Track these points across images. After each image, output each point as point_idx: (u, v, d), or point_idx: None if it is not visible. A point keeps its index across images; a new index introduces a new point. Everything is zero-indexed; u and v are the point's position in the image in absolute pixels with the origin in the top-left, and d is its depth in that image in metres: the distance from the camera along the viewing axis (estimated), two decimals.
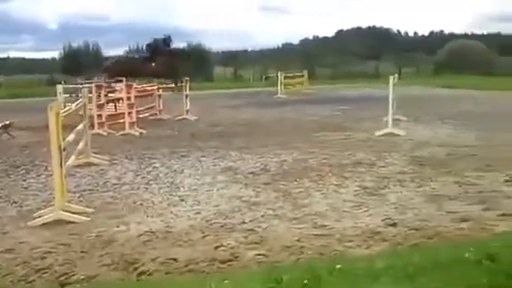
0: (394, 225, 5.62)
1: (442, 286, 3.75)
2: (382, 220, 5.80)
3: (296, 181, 7.85)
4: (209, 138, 12.81)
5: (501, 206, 6.22)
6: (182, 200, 6.95)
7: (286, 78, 29.33)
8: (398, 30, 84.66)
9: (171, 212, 6.41)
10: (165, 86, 22.60)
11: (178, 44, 38.10)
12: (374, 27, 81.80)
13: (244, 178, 8.24)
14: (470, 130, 13.01)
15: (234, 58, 57.95)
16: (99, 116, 14.31)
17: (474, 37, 61.66)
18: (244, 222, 5.88)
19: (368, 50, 63.76)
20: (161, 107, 18.21)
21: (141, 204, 6.81)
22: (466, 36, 61.65)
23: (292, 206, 6.48)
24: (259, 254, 4.86)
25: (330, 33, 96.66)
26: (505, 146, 10.40)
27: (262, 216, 6.11)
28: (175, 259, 4.79)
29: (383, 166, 8.80)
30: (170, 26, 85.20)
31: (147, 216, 6.28)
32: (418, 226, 5.54)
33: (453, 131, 12.95)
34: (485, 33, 69.34)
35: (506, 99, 22.43)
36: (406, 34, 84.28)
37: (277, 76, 29.23)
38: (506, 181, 7.46)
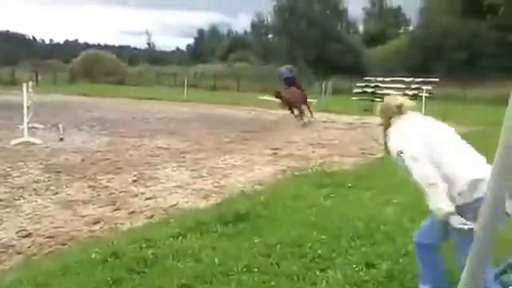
0: (28, 236, 5.59)
1: None
2: (16, 232, 5.68)
3: None
4: None
5: (129, 204, 6.95)
6: None
7: None
8: (34, 37, 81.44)
9: None
10: None
11: None
12: (8, 32, 76.33)
13: None
14: (102, 135, 13.78)
15: None
16: None
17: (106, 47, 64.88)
18: None
19: (1, 55, 58.91)
20: None
21: None
22: (98, 46, 64.29)
23: None
24: None
25: None
26: (132, 150, 11.50)
27: None
28: None
29: (18, 176, 8.49)
30: None
31: None
32: (53, 234, 5.67)
33: (87, 137, 13.43)
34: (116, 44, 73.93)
35: (133, 106, 24.49)
36: (43, 40, 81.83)
37: None
38: (134, 181, 8.33)
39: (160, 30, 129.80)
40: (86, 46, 65.45)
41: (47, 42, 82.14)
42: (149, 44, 67.00)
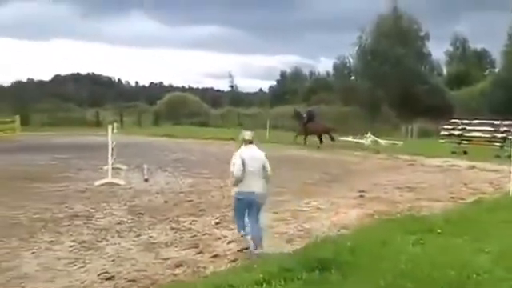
0: (110, 278, 5.49)
1: None
2: (99, 275, 5.61)
3: (1, 241, 6.99)
4: None
5: (212, 248, 6.73)
6: None
7: None
8: (120, 79, 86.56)
9: None
10: None
11: None
12: (94, 74, 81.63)
13: None
14: (186, 176, 13.85)
15: None
16: None
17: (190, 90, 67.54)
18: None
19: (88, 97, 62.92)
20: None
21: None
22: (183, 88, 67.04)
23: None
24: None
25: (47, 77, 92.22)
26: (215, 191, 11.41)
27: None
28: None
29: (102, 218, 8.60)
30: None
31: None
32: (135, 277, 5.54)
33: (171, 178, 13.56)
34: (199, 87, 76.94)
35: (216, 148, 24.78)
36: (128, 83, 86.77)
37: None
38: (216, 223, 8.14)
39: (242, 72, 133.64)
40: (171, 88, 68.27)
41: (133, 84, 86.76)
42: (231, 86, 68.71)
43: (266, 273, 5.16)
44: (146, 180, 12.90)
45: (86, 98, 62.45)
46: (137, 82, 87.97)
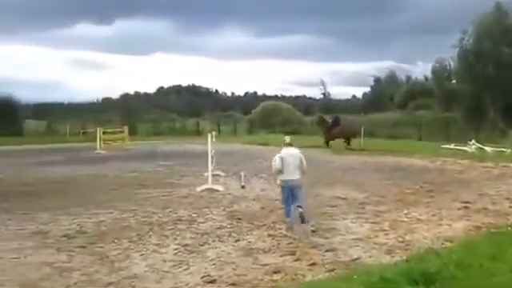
0: (212, 282, 5.70)
1: None
2: (202, 277, 5.85)
3: (114, 242, 7.53)
4: (17, 199, 11.65)
5: (309, 255, 6.74)
6: None
7: (105, 133, 28.45)
8: (217, 90, 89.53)
9: None
10: None
11: None
12: (193, 86, 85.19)
13: (56, 241, 7.65)
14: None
15: (47, 111, 54.25)
16: None
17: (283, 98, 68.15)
18: None
19: (189, 108, 65.77)
20: None
21: None
22: (276, 97, 67.83)
23: (108, 270, 6.18)
24: None
25: (151, 89, 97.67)
26: (310, 199, 11.38)
27: (75, 283, 5.70)
28: None
29: (203, 222, 8.95)
30: None
31: None
32: (236, 281, 5.71)
33: (266, 185, 13.76)
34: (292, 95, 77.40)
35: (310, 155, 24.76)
36: (225, 93, 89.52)
37: (96, 131, 28.17)
38: (312, 231, 8.14)
39: (334, 80, 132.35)
40: (264, 97, 69.30)
41: (229, 94, 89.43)
42: (324, 94, 68.25)
43: (366, 284, 5.08)
44: (243, 187, 13.20)
45: (186, 108, 65.33)
46: (233, 93, 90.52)
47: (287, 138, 9.53)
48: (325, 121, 28.19)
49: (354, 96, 77.20)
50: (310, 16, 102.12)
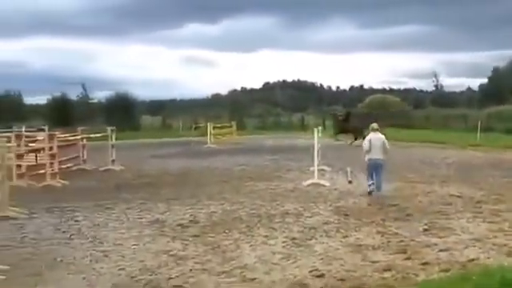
0: (320, 276, 5.70)
1: None
2: (310, 271, 5.87)
3: (225, 232, 7.81)
4: (135, 190, 12.51)
5: (421, 255, 6.49)
6: (106, 255, 6.69)
7: (215, 128, 29.56)
8: (322, 84, 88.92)
9: (93, 269, 6.13)
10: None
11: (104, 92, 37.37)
12: (298, 81, 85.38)
13: (172, 230, 8.09)
14: (387, 180, 13.52)
15: (161, 107, 57.58)
16: (18, 166, 13.60)
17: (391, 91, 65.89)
18: (171, 278, 5.74)
19: (294, 102, 66.12)
20: (85, 157, 17.61)
21: (61, 260, 6.48)
22: (383, 90, 65.77)
23: (221, 259, 6.42)
24: None
25: (258, 85, 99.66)
26: (422, 196, 10.96)
27: (190, 270, 6.00)
28: None
29: (310, 217, 8.97)
30: (92, 74, 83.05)
31: (68, 273, 5.97)
32: (344, 277, 5.66)
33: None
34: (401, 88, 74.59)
35: (420, 150, 23.72)
36: (329, 87, 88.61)
37: (206, 126, 29.36)
38: (425, 230, 7.83)
39: (447, 71, 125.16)
40: (372, 90, 67.35)
41: (334, 88, 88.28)
42: (436, 86, 64.86)
43: (484, 285, 4.80)
44: (350, 182, 13.00)
45: (291, 103, 65.82)
46: (338, 87, 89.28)
47: (375, 125, 11.57)
48: (336, 116, 30.98)
49: (468, 88, 72.45)
50: (417, 6, 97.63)
